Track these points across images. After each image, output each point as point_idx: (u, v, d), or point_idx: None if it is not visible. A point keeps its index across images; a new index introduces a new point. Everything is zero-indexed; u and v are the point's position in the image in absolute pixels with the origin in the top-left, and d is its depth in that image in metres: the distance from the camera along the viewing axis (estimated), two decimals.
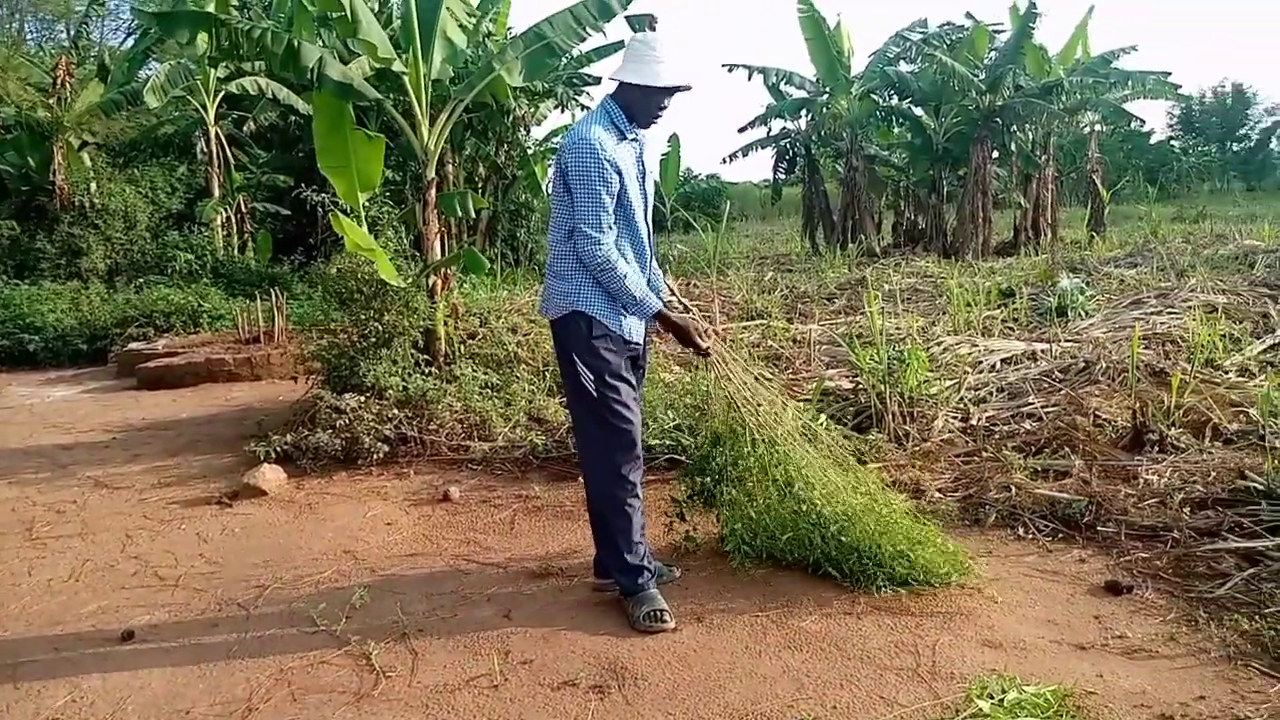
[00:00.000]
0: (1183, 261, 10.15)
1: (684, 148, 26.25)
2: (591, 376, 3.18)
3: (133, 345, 9.55)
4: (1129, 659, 2.86)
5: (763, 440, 3.51)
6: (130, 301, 11.13)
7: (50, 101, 12.87)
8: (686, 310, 3.51)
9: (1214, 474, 4.11)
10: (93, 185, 13.26)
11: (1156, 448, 4.56)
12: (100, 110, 13.09)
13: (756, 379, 3.70)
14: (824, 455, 3.63)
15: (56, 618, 3.54)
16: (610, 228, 3.14)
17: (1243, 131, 44.10)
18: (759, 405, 3.59)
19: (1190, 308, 7.34)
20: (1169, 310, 7.50)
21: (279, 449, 5.35)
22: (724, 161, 32.76)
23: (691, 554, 3.79)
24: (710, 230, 15.33)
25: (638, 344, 3.34)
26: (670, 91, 3.19)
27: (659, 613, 3.18)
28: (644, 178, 3.34)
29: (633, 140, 3.28)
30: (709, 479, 3.73)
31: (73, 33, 17.45)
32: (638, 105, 3.22)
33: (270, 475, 5.09)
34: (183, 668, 3.08)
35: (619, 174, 3.14)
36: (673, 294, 3.53)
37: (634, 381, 3.30)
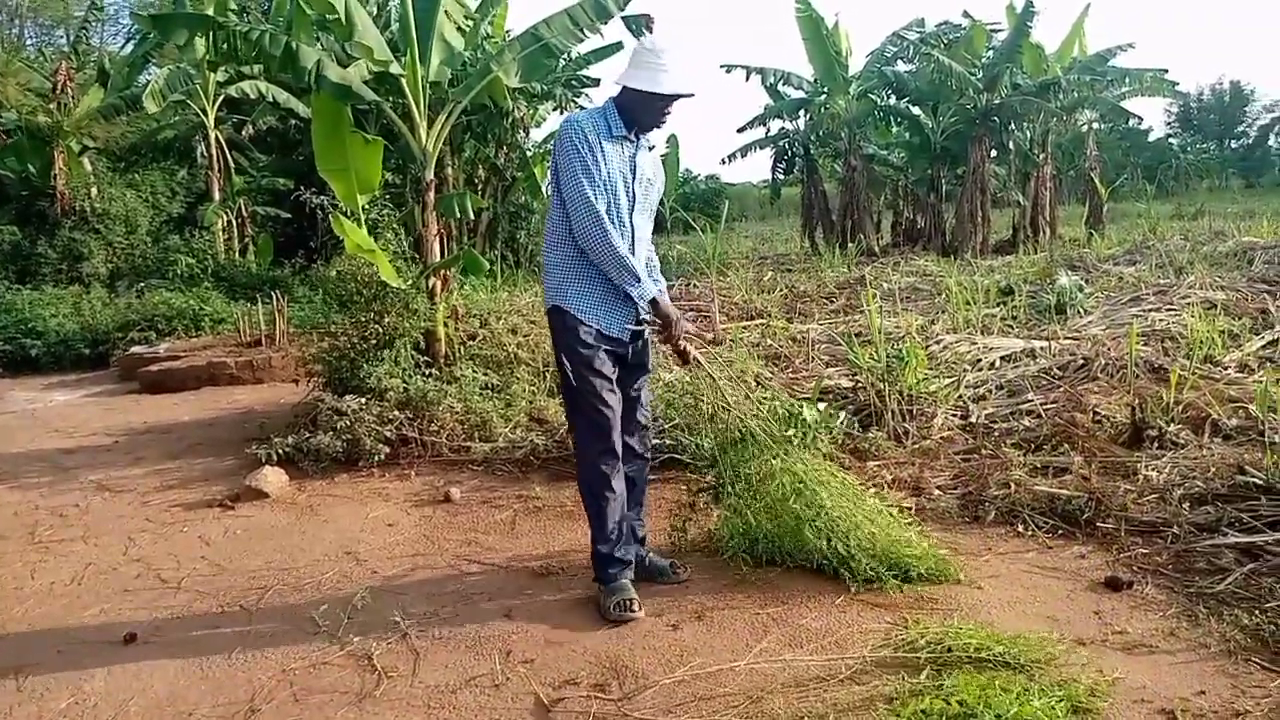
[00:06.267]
0: (1181, 259, 10.16)
1: (683, 149, 26.32)
2: (570, 367, 3.30)
3: (134, 349, 9.55)
4: (1129, 654, 2.86)
5: (764, 443, 3.53)
6: (132, 306, 11.12)
7: (50, 107, 12.91)
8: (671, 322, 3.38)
9: (1213, 469, 4.11)
10: (93, 190, 13.28)
11: (1156, 444, 4.57)
12: (100, 115, 13.15)
13: (757, 380, 3.71)
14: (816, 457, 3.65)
15: (59, 620, 3.55)
16: (599, 196, 3.20)
17: (1241, 129, 44.28)
18: (744, 412, 3.61)
19: (1189, 304, 7.34)
20: (1168, 307, 7.51)
21: (281, 451, 5.35)
22: (723, 162, 32.76)
23: (693, 553, 3.79)
24: (709, 231, 15.33)
25: (621, 339, 3.36)
26: (673, 99, 3.28)
27: (627, 602, 3.25)
28: (633, 177, 3.36)
29: (621, 139, 3.32)
30: (716, 480, 3.75)
31: (72, 38, 17.46)
32: (641, 110, 3.29)
33: (272, 478, 5.10)
34: (185, 669, 3.08)
35: (599, 158, 3.22)
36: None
37: (612, 376, 3.34)
